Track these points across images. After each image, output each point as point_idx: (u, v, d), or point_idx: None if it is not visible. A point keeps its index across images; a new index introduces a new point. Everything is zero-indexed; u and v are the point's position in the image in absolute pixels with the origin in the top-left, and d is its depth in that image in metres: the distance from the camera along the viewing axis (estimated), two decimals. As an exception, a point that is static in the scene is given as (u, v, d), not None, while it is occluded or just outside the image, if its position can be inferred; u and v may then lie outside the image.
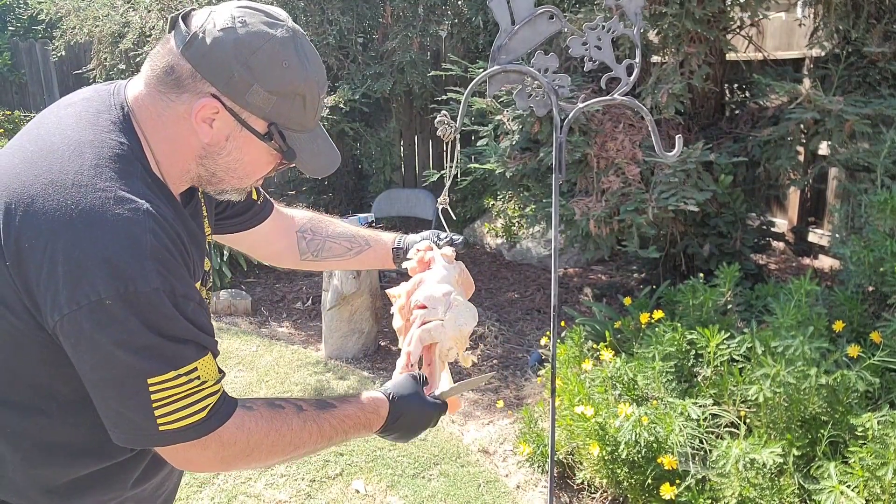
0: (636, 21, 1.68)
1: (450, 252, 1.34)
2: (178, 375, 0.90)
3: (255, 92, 0.95)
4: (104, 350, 0.87)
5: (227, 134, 0.99)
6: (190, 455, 0.96)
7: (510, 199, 5.42)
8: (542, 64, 1.74)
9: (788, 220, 4.90)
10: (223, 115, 0.97)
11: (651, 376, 2.51)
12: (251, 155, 1.02)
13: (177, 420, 0.91)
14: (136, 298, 0.87)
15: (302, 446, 1.02)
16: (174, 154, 1.00)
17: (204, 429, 0.94)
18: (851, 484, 1.96)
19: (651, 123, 1.73)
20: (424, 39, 5.52)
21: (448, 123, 1.65)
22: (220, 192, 1.08)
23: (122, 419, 0.92)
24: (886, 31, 3.32)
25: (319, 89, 1.02)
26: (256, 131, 0.99)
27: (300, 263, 1.44)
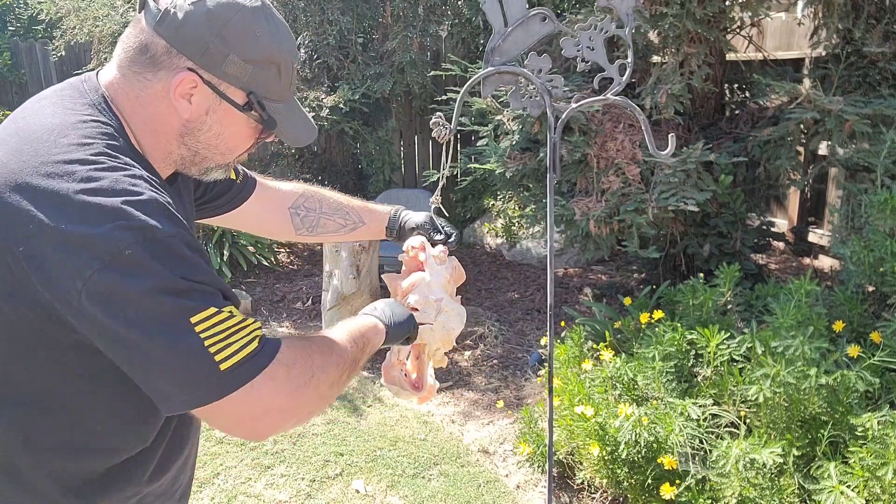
0: (628, 21, 1.69)
1: (439, 253, 1.35)
2: (219, 311, 0.87)
3: (232, 61, 0.96)
4: (137, 300, 0.84)
5: (206, 108, 0.99)
6: (261, 395, 0.89)
7: (510, 199, 5.42)
8: (535, 65, 1.75)
9: (788, 220, 4.90)
10: (201, 89, 0.97)
11: (651, 376, 2.51)
12: (232, 128, 1.02)
13: (234, 353, 0.87)
14: (154, 244, 0.85)
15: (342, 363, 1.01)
16: (155, 135, 0.99)
17: (264, 356, 0.90)
18: (851, 484, 1.96)
19: (644, 122, 1.74)
20: (424, 39, 5.52)
21: (443, 125, 1.65)
22: (205, 171, 1.07)
23: (177, 377, 0.86)
24: (886, 31, 3.32)
25: (292, 58, 1.03)
26: (235, 102, 0.99)
27: (297, 237, 1.46)
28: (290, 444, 3.06)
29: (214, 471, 2.87)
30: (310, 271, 5.41)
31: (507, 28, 1.70)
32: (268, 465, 2.91)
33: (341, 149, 6.21)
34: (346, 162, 6.32)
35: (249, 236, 5.19)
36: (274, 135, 1.07)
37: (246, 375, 0.87)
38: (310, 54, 5.65)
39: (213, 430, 3.15)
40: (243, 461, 2.93)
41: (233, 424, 0.91)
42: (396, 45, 5.44)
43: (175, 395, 0.87)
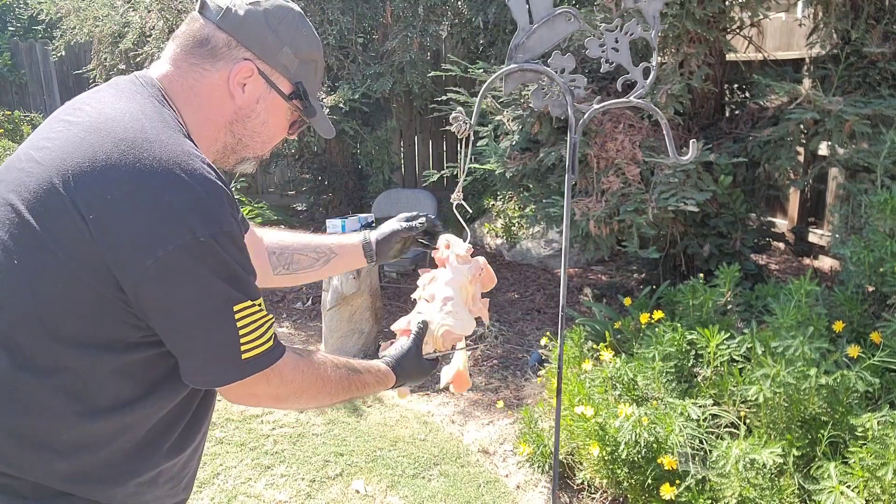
0: (654, 23, 1.68)
1: (463, 251, 1.38)
2: (253, 304, 0.99)
3: (285, 54, 1.09)
4: (203, 281, 0.94)
5: (257, 96, 1.10)
6: (255, 388, 1.03)
7: (510, 200, 5.42)
8: (559, 64, 1.74)
9: (788, 221, 4.90)
10: (255, 78, 1.08)
11: (651, 376, 2.51)
12: (275, 117, 1.14)
13: (255, 347, 0.99)
14: (222, 237, 0.95)
15: (334, 397, 1.14)
16: (206, 123, 1.08)
17: (272, 357, 1.02)
18: (851, 484, 1.96)
19: (665, 127, 1.73)
20: (424, 39, 5.52)
21: (463, 120, 1.67)
22: (240, 161, 1.17)
23: (211, 355, 0.98)
24: (886, 31, 3.32)
25: (323, 61, 1.18)
26: (282, 92, 1.12)
27: (273, 279, 1.48)
28: (290, 445, 3.06)
29: (214, 471, 2.87)
30: (310, 271, 5.41)
31: (532, 25, 1.69)
32: (268, 465, 2.91)
33: (341, 149, 6.21)
34: (346, 162, 6.31)
35: (249, 236, 5.18)
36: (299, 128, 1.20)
37: (254, 369, 1.00)
38: (310, 54, 5.64)
39: (214, 431, 3.15)
40: (243, 461, 2.93)
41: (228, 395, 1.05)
42: (396, 45, 5.44)
43: (200, 370, 1.00)
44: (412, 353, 1.31)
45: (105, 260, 0.92)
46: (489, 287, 1.43)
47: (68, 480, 1.01)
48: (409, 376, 1.30)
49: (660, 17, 3.25)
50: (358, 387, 1.19)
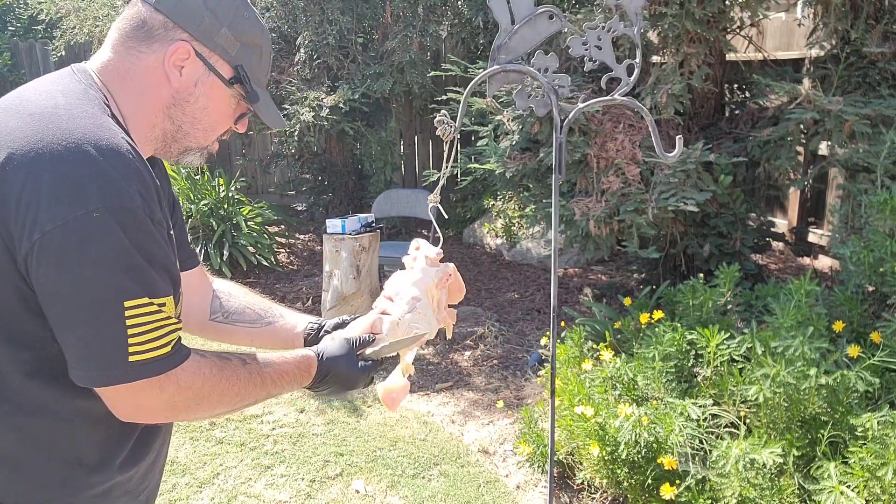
0: (637, 21, 1.67)
1: (433, 255, 1.30)
2: (152, 303, 0.90)
3: (224, 35, 1.05)
4: (92, 266, 0.86)
5: (195, 79, 1.05)
6: (143, 398, 0.93)
7: (510, 199, 5.43)
8: (542, 64, 1.73)
9: (788, 220, 4.90)
10: (193, 60, 1.03)
11: (651, 376, 2.51)
12: (216, 103, 1.08)
13: (147, 350, 0.90)
14: (124, 214, 0.88)
15: (246, 398, 1.05)
16: (142, 107, 1.04)
17: (169, 363, 0.93)
18: (851, 484, 1.96)
19: (651, 124, 1.72)
20: (424, 39, 5.53)
21: (448, 123, 1.64)
22: (184, 151, 1.11)
23: (92, 351, 0.89)
24: (886, 31, 3.32)
25: (269, 47, 1.12)
26: (223, 76, 1.06)
27: (205, 325, 1.34)
28: (290, 445, 3.06)
29: (214, 471, 2.87)
30: (310, 271, 5.41)
31: (514, 26, 1.68)
32: (268, 465, 2.91)
33: (341, 149, 6.21)
34: (347, 162, 6.32)
35: (249, 236, 5.19)
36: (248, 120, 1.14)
37: (143, 374, 0.91)
38: (310, 54, 5.65)
39: (214, 431, 3.15)
40: (243, 461, 2.93)
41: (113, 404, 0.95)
42: (396, 45, 5.44)
43: (79, 365, 0.90)
44: (347, 356, 1.17)
45: (2, 235, 0.87)
46: (457, 297, 1.33)
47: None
48: (334, 379, 1.16)
49: (658, 15, 3.27)
50: (275, 379, 1.08)
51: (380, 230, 4.23)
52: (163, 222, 0.96)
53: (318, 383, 1.15)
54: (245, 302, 1.38)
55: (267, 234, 5.51)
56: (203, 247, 5.02)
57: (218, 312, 1.35)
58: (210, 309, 1.35)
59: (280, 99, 5.71)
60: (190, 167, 5.71)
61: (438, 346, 4.09)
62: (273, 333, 1.36)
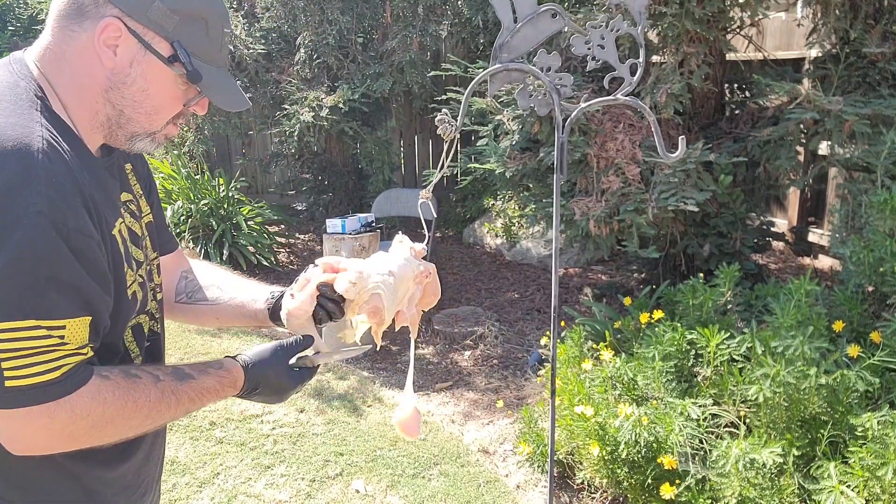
0: (640, 20, 1.66)
1: (419, 249, 1.26)
2: (38, 327, 0.83)
3: (157, 8, 0.94)
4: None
5: (131, 58, 0.96)
6: (30, 428, 0.86)
7: (510, 199, 5.43)
8: (544, 62, 1.71)
9: (788, 220, 4.90)
10: (126, 39, 0.95)
11: (651, 376, 2.51)
12: (157, 84, 0.99)
13: (27, 376, 0.83)
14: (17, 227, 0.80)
15: (157, 419, 0.98)
16: (81, 92, 0.97)
17: (56, 391, 0.85)
18: (851, 484, 1.96)
19: (654, 124, 1.71)
20: (424, 39, 5.53)
21: (449, 122, 1.62)
22: (131, 138, 1.02)
23: None
24: (885, 31, 3.32)
25: (222, 20, 1.01)
26: (160, 54, 0.97)
27: (173, 308, 1.28)
28: (290, 444, 3.06)
29: (214, 471, 2.87)
30: (310, 271, 5.40)
31: (516, 24, 1.67)
32: (268, 465, 2.91)
33: (341, 149, 6.21)
34: (346, 162, 6.32)
35: (249, 236, 5.19)
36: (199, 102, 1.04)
37: (25, 400, 0.84)
38: (310, 54, 5.65)
39: (214, 431, 3.15)
40: (243, 461, 2.93)
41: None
42: (396, 45, 5.44)
43: None
44: (277, 364, 1.10)
45: None
46: (430, 301, 1.28)
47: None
48: (265, 390, 1.10)
49: (658, 14, 3.27)
50: (192, 397, 1.01)
51: (380, 230, 4.24)
52: (86, 230, 0.88)
53: (247, 394, 1.10)
54: (208, 280, 1.32)
55: (267, 234, 5.51)
56: (203, 246, 5.02)
57: (182, 293, 1.29)
58: (175, 290, 1.29)
59: (280, 99, 5.71)
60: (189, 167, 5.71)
61: (438, 345, 4.09)
62: (236, 310, 1.28)
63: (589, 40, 1.70)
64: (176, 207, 5.11)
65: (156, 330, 1.17)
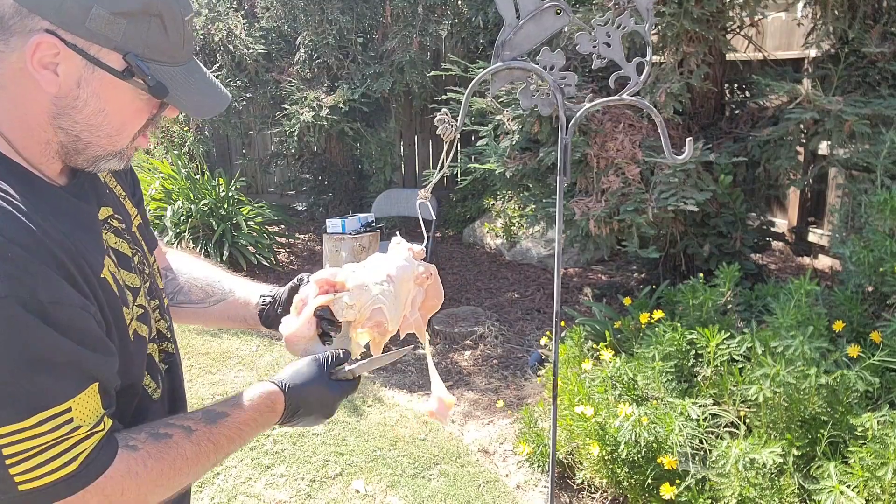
0: (648, 17, 1.63)
1: (418, 250, 1.22)
2: (41, 422, 0.72)
3: (97, 16, 0.77)
4: None
5: (77, 78, 0.80)
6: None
7: (510, 199, 5.43)
8: (547, 61, 1.67)
9: (788, 220, 4.90)
10: (66, 55, 0.78)
11: (651, 376, 2.51)
12: (114, 103, 0.83)
13: (41, 476, 0.73)
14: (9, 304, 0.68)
15: (199, 472, 0.90)
16: (24, 123, 0.81)
17: (78, 483, 0.76)
18: (851, 484, 1.96)
19: (660, 125, 1.69)
20: (424, 39, 5.53)
21: (449, 122, 1.59)
22: (94, 160, 0.87)
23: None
24: (885, 31, 3.32)
25: (180, 9, 0.83)
26: (112, 68, 0.80)
27: None
28: (290, 444, 3.06)
29: (214, 470, 2.87)
30: (310, 271, 5.40)
31: (518, 21, 1.62)
32: (268, 465, 2.91)
33: (341, 149, 6.21)
34: (347, 162, 6.32)
35: (249, 236, 5.19)
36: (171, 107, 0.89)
37: (46, 500, 0.75)
38: (310, 54, 5.65)
39: (213, 430, 3.15)
40: (243, 461, 2.93)
41: None
42: (396, 45, 5.45)
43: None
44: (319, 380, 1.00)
45: None
46: (433, 304, 1.24)
47: None
48: (307, 411, 0.99)
49: (657, 14, 3.27)
50: (231, 437, 0.92)
51: (380, 230, 4.24)
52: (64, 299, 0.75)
53: (289, 419, 0.98)
54: (192, 278, 1.20)
55: (267, 234, 5.51)
56: (203, 246, 5.02)
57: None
58: None
59: (280, 99, 5.71)
60: (189, 167, 5.71)
61: (439, 345, 4.09)
62: (223, 312, 1.18)
63: (594, 38, 1.66)
64: (176, 207, 5.11)
65: (170, 351, 1.07)
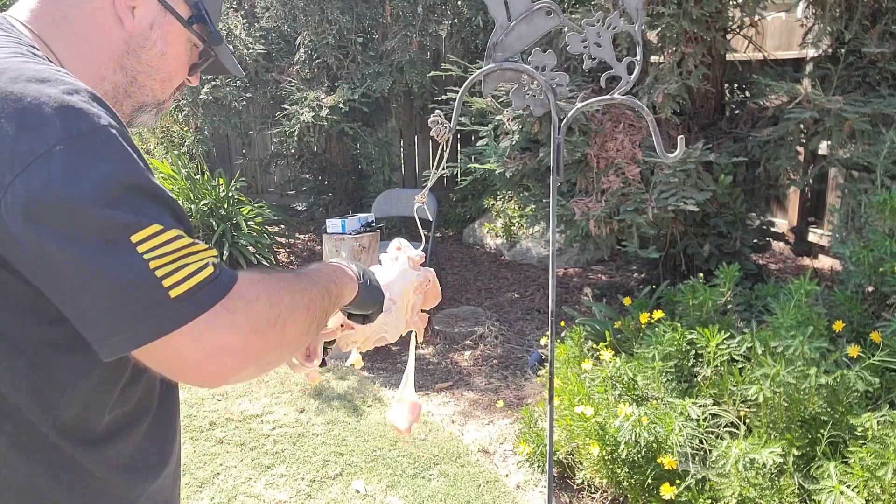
0: (638, 17, 1.64)
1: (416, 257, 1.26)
2: (164, 230, 0.72)
3: None
4: (66, 212, 0.68)
5: (151, 20, 0.92)
6: (218, 334, 0.73)
7: (510, 199, 5.43)
8: (539, 61, 1.69)
9: (788, 220, 4.90)
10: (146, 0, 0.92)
11: (651, 376, 2.51)
12: (174, 48, 0.96)
13: (186, 279, 0.71)
14: (91, 138, 0.71)
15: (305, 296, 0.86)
16: (87, 57, 0.90)
17: (222, 283, 0.74)
18: (851, 484, 1.96)
19: (652, 123, 1.71)
20: (424, 39, 5.53)
21: (442, 123, 1.59)
22: (137, 109, 0.97)
23: (118, 307, 0.69)
24: (884, 31, 3.32)
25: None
26: (180, 16, 0.95)
27: None
28: (290, 445, 3.06)
29: (214, 471, 2.87)
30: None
31: (510, 22, 1.64)
32: (268, 465, 2.91)
33: (341, 149, 6.21)
34: (346, 162, 6.32)
35: (249, 236, 5.19)
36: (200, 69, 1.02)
37: (200, 305, 0.72)
38: (309, 54, 5.65)
39: (214, 431, 3.15)
40: (243, 461, 2.93)
41: (180, 367, 0.74)
42: (396, 45, 5.45)
43: (115, 331, 0.70)
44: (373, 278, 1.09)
45: None
46: (431, 304, 1.28)
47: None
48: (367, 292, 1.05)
49: (656, 15, 3.27)
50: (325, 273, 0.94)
51: (380, 230, 4.23)
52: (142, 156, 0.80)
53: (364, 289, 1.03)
54: None
55: (267, 234, 5.51)
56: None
57: None
58: None
59: (280, 99, 5.71)
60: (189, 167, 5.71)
61: (439, 345, 4.09)
62: None
63: (585, 38, 1.67)
64: (176, 207, 5.11)
65: None
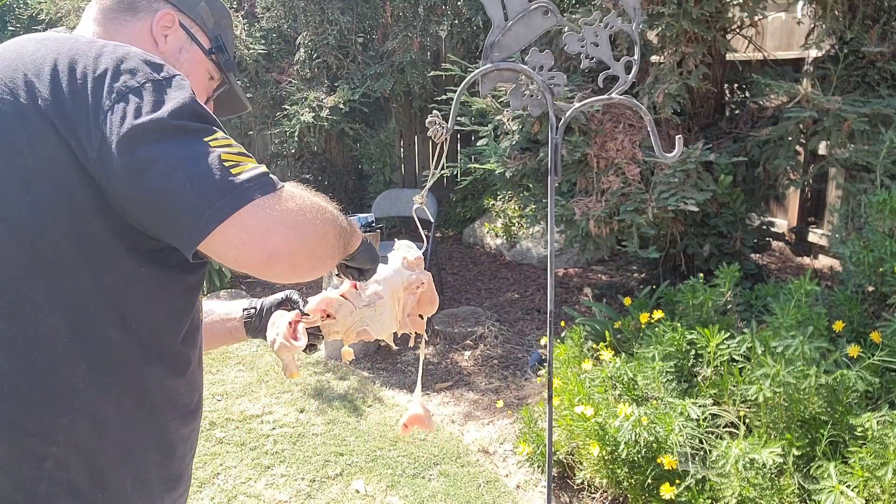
0: (635, 17, 1.64)
1: (412, 258, 1.26)
2: (226, 137, 0.89)
3: (203, 8, 1.13)
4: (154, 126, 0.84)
5: (180, 46, 1.10)
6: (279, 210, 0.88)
7: (510, 199, 5.43)
8: (536, 61, 1.68)
9: (788, 220, 4.90)
10: (176, 29, 1.09)
11: (651, 376, 2.51)
12: (197, 72, 1.13)
13: (249, 171, 0.87)
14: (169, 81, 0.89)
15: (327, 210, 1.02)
16: None
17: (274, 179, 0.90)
18: (851, 484, 1.96)
19: (650, 123, 1.71)
20: (424, 39, 5.53)
21: (440, 124, 1.59)
22: None
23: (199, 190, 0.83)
24: (884, 31, 3.32)
25: (232, 34, 1.20)
26: (203, 45, 1.13)
27: None
28: (290, 445, 3.06)
29: (214, 471, 2.87)
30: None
31: (507, 22, 1.63)
32: (268, 465, 2.91)
33: (341, 149, 6.21)
34: (346, 162, 6.32)
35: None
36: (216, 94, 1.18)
37: (264, 188, 0.87)
38: (310, 54, 5.65)
39: (214, 431, 3.15)
40: (243, 461, 2.93)
41: (246, 242, 0.86)
42: (396, 45, 5.45)
43: (202, 210, 0.83)
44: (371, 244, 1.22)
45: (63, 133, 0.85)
46: (428, 309, 1.29)
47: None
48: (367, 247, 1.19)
49: (656, 15, 3.27)
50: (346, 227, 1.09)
51: (380, 230, 4.23)
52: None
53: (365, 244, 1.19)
54: None
55: (267, 234, 5.50)
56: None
57: None
58: None
59: (280, 99, 5.71)
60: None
61: (439, 345, 4.09)
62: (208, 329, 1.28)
63: (582, 38, 1.67)
64: (176, 207, 5.10)
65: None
